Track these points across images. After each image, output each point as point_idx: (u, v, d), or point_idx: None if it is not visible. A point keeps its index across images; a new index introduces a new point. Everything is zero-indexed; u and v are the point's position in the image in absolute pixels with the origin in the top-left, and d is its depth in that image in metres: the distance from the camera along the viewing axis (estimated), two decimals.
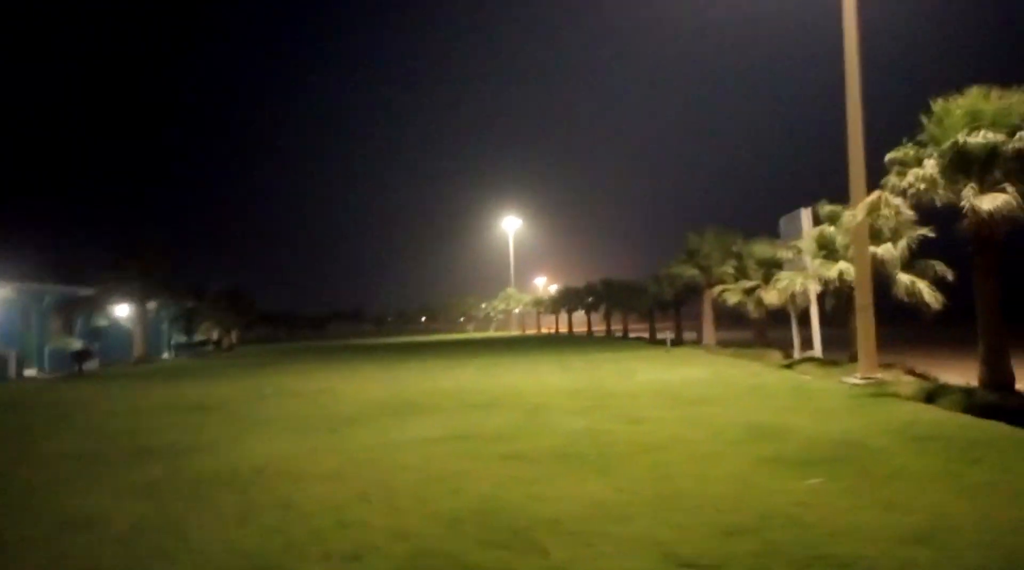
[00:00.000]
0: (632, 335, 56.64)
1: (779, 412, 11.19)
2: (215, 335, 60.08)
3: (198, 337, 56.77)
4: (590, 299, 71.69)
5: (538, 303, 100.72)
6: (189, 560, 5.00)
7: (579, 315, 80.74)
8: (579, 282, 78.43)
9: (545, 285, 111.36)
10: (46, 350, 35.99)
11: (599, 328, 75.28)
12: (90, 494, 7.19)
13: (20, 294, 35.68)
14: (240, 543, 5.32)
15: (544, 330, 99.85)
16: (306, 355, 45.64)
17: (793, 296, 21.06)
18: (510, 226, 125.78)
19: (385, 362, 31.99)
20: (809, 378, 16.62)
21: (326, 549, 5.08)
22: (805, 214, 21.76)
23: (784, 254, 23.02)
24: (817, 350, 21.08)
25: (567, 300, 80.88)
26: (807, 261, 20.38)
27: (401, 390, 17.35)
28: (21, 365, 32.16)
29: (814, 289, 20.18)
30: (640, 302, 49.98)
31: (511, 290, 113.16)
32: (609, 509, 5.90)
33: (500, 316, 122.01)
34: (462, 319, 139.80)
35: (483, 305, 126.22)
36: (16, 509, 6.69)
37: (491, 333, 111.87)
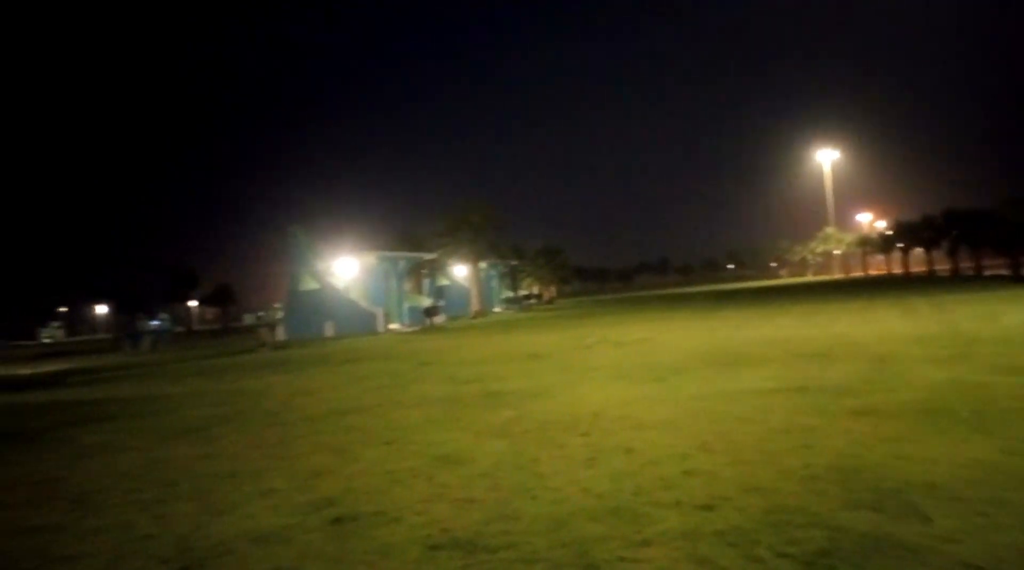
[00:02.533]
0: (987, 273, 48.47)
1: None
2: (536, 289, 64.63)
3: (522, 292, 61.58)
4: (929, 234, 62.84)
5: (863, 242, 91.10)
6: (547, 497, 5.35)
7: (916, 253, 71.33)
8: (913, 215, 69.15)
9: (871, 222, 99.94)
10: (404, 307, 41.88)
11: (942, 267, 65.86)
12: (455, 432, 8.13)
13: (382, 261, 41.92)
14: (591, 484, 5.56)
15: (872, 272, 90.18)
16: (619, 306, 46.89)
17: None
18: (826, 159, 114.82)
19: (698, 311, 31.51)
20: None
21: (676, 497, 5.08)
22: None
23: None
24: None
25: (900, 237, 71.85)
26: None
27: (721, 339, 16.91)
28: (387, 320, 37.87)
29: None
30: (996, 234, 42.47)
31: (830, 230, 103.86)
32: (1000, 474, 5.05)
33: (818, 259, 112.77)
34: (774, 264, 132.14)
35: (797, 248, 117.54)
36: (400, 444, 7.80)
37: (808, 278, 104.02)
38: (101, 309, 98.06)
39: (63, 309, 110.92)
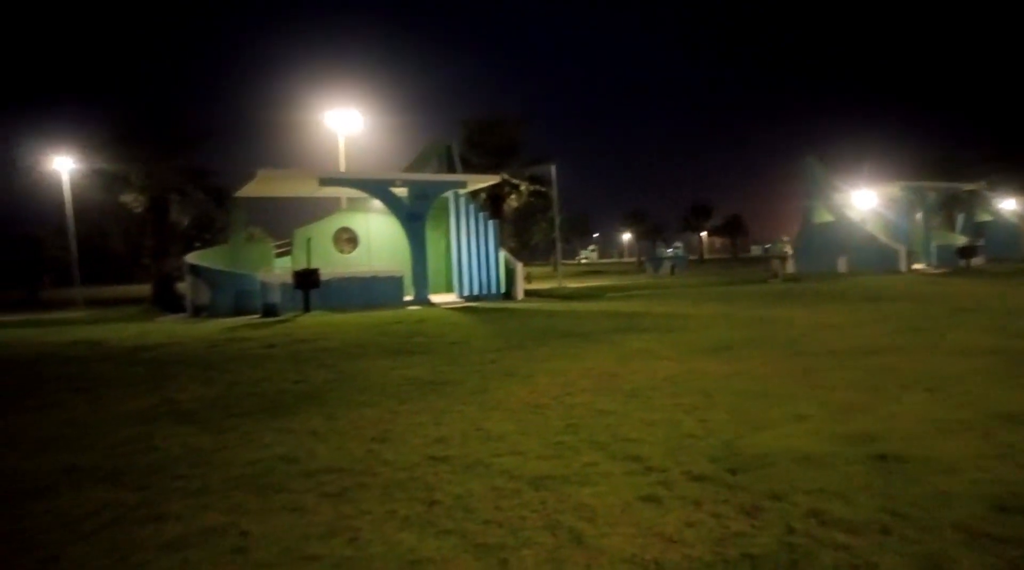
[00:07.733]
0: None
1: None
2: None
3: None
4: None
5: None
6: None
7: None
8: None
9: None
10: (932, 245, 37.17)
11: None
12: (1017, 391, 7.03)
13: (906, 192, 37.67)
14: None
15: None
16: None
17: None
18: None
19: None
20: None
21: None
22: None
23: None
24: None
25: None
26: None
27: None
28: (910, 259, 34.19)
29: None
30: None
31: None
32: None
33: None
34: None
35: None
36: (944, 393, 7.06)
37: None
38: (626, 235, 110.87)
39: (596, 234, 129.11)
